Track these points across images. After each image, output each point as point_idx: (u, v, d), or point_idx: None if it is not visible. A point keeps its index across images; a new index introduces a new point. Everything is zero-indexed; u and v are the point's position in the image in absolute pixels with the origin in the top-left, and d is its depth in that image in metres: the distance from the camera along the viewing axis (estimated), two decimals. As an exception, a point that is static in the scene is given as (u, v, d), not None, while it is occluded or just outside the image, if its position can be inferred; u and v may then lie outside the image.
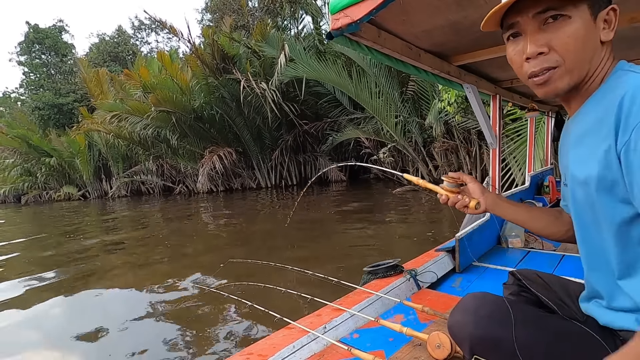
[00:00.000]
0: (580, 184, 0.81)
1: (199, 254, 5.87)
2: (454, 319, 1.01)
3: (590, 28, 0.72)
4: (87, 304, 3.99)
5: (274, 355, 1.43)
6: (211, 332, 3.02)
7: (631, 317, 0.80)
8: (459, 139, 10.39)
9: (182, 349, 2.80)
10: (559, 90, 0.78)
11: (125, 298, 4.06)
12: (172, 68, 14.03)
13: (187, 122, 14.70)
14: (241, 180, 16.58)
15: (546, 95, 0.81)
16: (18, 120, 24.16)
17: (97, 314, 3.63)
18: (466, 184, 1.10)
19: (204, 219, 9.82)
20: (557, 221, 1.06)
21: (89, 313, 3.68)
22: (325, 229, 6.91)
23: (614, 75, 0.75)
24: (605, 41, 0.74)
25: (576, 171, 0.83)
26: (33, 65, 30.51)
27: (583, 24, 0.72)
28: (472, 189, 1.09)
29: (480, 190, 1.08)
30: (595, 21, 0.72)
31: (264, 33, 14.02)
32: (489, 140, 2.82)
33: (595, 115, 0.76)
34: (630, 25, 1.69)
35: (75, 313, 3.77)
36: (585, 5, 0.71)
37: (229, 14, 18.54)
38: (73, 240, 7.92)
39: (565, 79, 0.77)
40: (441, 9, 1.54)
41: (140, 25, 35.42)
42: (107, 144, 19.14)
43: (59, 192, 22.29)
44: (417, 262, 2.37)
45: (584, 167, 0.79)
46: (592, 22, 0.72)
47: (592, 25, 0.72)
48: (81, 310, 3.82)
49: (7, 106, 35.30)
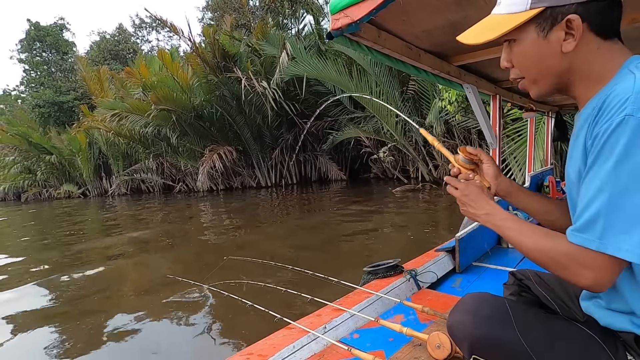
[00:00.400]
0: (573, 184, 0.83)
1: (198, 252, 5.87)
2: (453, 319, 1.01)
3: (539, 45, 0.79)
4: (84, 301, 4.00)
5: (274, 355, 1.43)
6: (211, 331, 3.02)
7: (626, 318, 0.80)
8: (459, 138, 10.40)
9: (181, 349, 2.81)
10: (538, 95, 0.87)
11: (123, 297, 4.05)
12: (172, 66, 14.02)
13: (188, 121, 14.69)
14: (241, 179, 16.58)
15: (533, 97, 0.88)
16: (18, 118, 24.14)
17: (95, 313, 3.64)
18: (482, 163, 1.06)
19: (204, 217, 9.82)
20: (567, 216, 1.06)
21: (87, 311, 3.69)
22: (325, 229, 6.92)
23: (619, 74, 0.75)
24: (566, 52, 0.77)
25: (569, 171, 0.84)
26: (34, 63, 30.50)
27: (531, 43, 0.79)
28: (487, 170, 1.06)
29: (495, 173, 1.05)
30: (546, 37, 0.77)
31: (265, 32, 14.01)
32: (489, 140, 2.82)
33: (587, 119, 0.76)
34: (632, 25, 1.69)
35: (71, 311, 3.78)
36: (532, 27, 0.78)
37: (229, 13, 18.52)
38: (74, 244, 7.94)
39: (534, 88, 0.85)
40: (441, 9, 1.54)
41: (141, 23, 35.44)
42: (108, 142, 19.13)
43: (59, 190, 22.28)
44: (417, 262, 2.37)
45: (574, 169, 0.81)
46: (542, 40, 0.78)
47: (543, 42, 0.78)
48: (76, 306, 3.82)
49: (8, 104, 35.31)
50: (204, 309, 3.46)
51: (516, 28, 0.79)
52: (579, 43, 0.76)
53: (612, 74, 0.76)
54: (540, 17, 0.76)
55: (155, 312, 3.51)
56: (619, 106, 0.66)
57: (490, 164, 1.06)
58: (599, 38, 0.76)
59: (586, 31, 0.75)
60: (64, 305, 3.96)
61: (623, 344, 0.82)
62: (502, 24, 0.80)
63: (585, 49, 0.77)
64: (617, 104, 0.67)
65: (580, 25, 0.74)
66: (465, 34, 0.87)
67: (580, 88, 0.81)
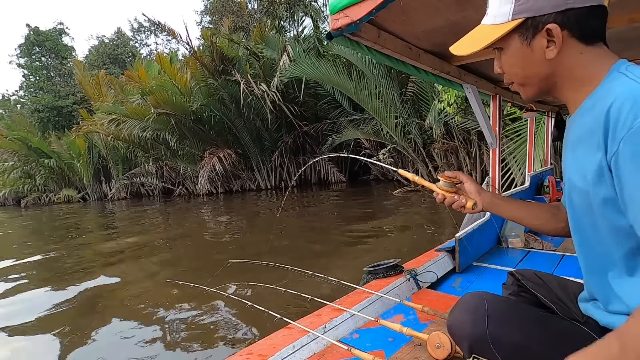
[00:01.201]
0: (577, 190, 0.82)
1: (199, 255, 5.86)
2: (453, 318, 1.01)
3: (524, 53, 0.83)
4: (84, 304, 3.99)
5: (274, 355, 1.43)
6: (211, 332, 3.01)
7: (625, 318, 0.79)
8: (459, 139, 10.40)
9: (181, 349, 2.80)
10: (528, 97, 0.91)
11: (124, 299, 4.05)
12: (170, 70, 14.04)
13: (187, 124, 14.70)
14: (241, 181, 16.57)
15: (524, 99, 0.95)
16: (17, 123, 24.17)
17: (94, 314, 3.63)
18: (463, 183, 1.10)
19: (204, 220, 9.82)
20: (555, 217, 1.06)
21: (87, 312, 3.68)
22: (325, 230, 6.91)
23: (608, 77, 0.76)
24: (550, 58, 0.79)
25: (573, 176, 0.83)
26: (33, 67, 30.56)
27: (515, 51, 0.84)
28: (469, 188, 1.10)
29: (477, 189, 1.09)
30: (530, 46, 0.81)
31: (264, 35, 14.04)
32: (489, 141, 2.82)
33: (588, 121, 0.76)
34: (630, 25, 1.70)
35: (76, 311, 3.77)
36: (515, 36, 0.82)
37: (228, 16, 18.55)
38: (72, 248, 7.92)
39: (523, 90, 0.90)
40: (441, 10, 1.54)
41: (139, 27, 35.54)
42: (107, 146, 19.13)
43: (59, 194, 22.27)
44: (417, 262, 2.37)
45: (580, 175, 0.80)
46: (526, 48, 0.82)
47: (526, 50, 0.82)
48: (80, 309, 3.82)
49: (7, 108, 35.34)
50: (204, 311, 3.45)
51: (501, 38, 0.83)
52: (562, 49, 0.78)
53: (599, 77, 0.78)
54: (523, 27, 0.80)
55: (155, 313, 3.50)
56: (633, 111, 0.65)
57: (470, 182, 1.11)
58: (582, 44, 0.78)
59: (567, 37, 0.78)
60: (64, 306, 3.95)
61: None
62: (488, 35, 0.85)
63: (568, 55, 0.79)
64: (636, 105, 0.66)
65: (560, 33, 0.77)
66: (456, 45, 0.92)
67: (567, 91, 0.84)
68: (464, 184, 1.10)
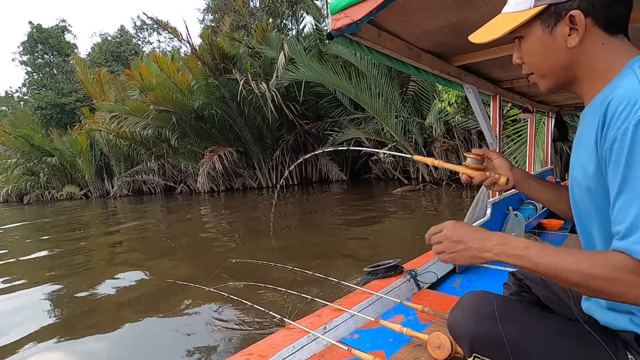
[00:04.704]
0: (579, 186, 0.82)
1: (199, 254, 5.87)
2: (454, 317, 1.01)
3: (545, 41, 0.80)
4: (84, 304, 4.00)
5: (274, 356, 1.43)
6: (211, 332, 3.02)
7: (626, 317, 0.80)
8: (459, 139, 10.39)
9: (182, 349, 2.81)
10: (547, 89, 0.88)
11: (124, 301, 4.05)
12: (169, 69, 14.01)
13: (188, 122, 14.70)
14: (242, 180, 16.58)
15: (542, 91, 0.90)
16: (20, 120, 24.18)
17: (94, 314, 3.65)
18: (492, 160, 1.09)
19: (204, 219, 9.83)
20: None
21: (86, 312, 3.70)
22: (326, 229, 6.91)
23: (622, 73, 0.75)
24: (571, 47, 0.78)
25: (575, 173, 0.84)
26: (36, 65, 30.57)
27: (536, 39, 0.82)
28: (500, 164, 1.08)
29: (508, 165, 1.07)
30: (551, 33, 0.79)
31: (265, 33, 14.01)
32: (489, 141, 2.82)
33: (593, 117, 0.76)
34: (631, 25, 1.69)
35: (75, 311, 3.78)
36: (537, 23, 0.80)
37: (229, 14, 18.52)
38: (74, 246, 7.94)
39: (543, 82, 0.87)
40: (441, 10, 1.54)
41: (142, 25, 35.46)
42: (109, 144, 19.16)
43: (61, 191, 22.31)
44: (417, 263, 2.37)
45: (581, 172, 0.80)
46: (548, 35, 0.80)
47: (548, 38, 0.80)
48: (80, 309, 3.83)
49: (10, 106, 35.42)
50: (205, 311, 3.46)
51: (522, 25, 0.81)
52: (584, 38, 0.77)
53: (615, 71, 0.77)
54: (545, 13, 0.78)
55: (154, 312, 3.51)
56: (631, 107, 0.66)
57: (500, 158, 1.09)
58: (605, 33, 0.77)
59: (590, 26, 0.76)
60: (64, 307, 3.96)
61: (623, 343, 0.82)
62: (509, 22, 0.82)
63: (590, 44, 0.78)
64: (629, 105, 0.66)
65: (583, 20, 0.75)
66: (476, 33, 0.90)
67: (585, 84, 0.82)
68: (493, 161, 1.08)
